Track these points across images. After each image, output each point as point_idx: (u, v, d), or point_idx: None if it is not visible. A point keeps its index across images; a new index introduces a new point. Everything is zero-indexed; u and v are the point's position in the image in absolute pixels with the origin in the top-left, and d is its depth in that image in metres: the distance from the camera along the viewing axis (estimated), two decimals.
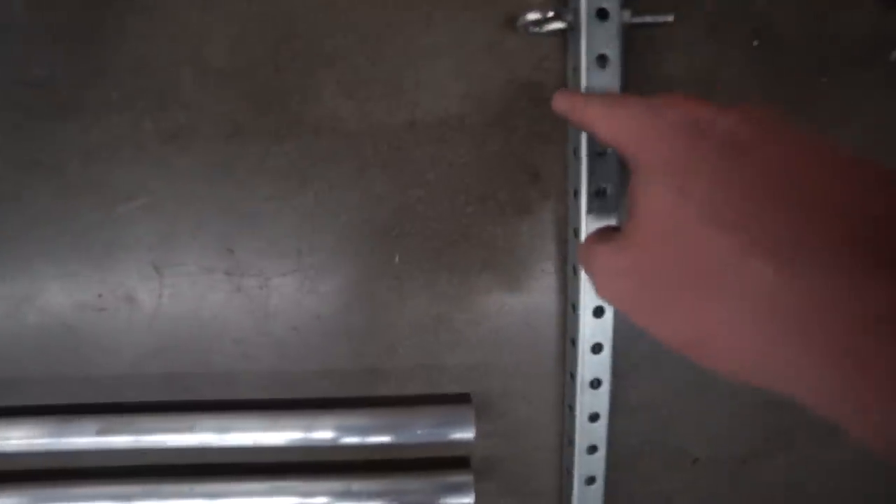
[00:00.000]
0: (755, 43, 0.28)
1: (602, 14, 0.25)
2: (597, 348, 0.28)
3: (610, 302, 0.19)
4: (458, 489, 0.32)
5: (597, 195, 0.26)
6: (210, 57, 0.28)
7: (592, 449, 0.30)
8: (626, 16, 0.25)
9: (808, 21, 0.28)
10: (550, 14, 0.25)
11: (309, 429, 0.30)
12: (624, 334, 0.29)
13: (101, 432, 0.31)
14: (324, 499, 0.31)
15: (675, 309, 0.16)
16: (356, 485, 0.32)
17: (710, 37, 0.28)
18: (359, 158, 0.29)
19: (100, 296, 0.31)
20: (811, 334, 0.12)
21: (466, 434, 0.30)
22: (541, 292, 0.30)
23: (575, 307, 0.28)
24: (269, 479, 0.32)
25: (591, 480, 0.31)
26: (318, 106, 0.28)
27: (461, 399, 0.32)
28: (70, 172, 0.30)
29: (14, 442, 0.31)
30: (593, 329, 0.28)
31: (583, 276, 0.27)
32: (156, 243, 0.30)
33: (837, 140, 0.15)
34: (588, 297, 0.27)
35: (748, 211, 0.14)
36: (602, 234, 0.19)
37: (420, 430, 0.30)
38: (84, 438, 0.31)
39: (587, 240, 0.20)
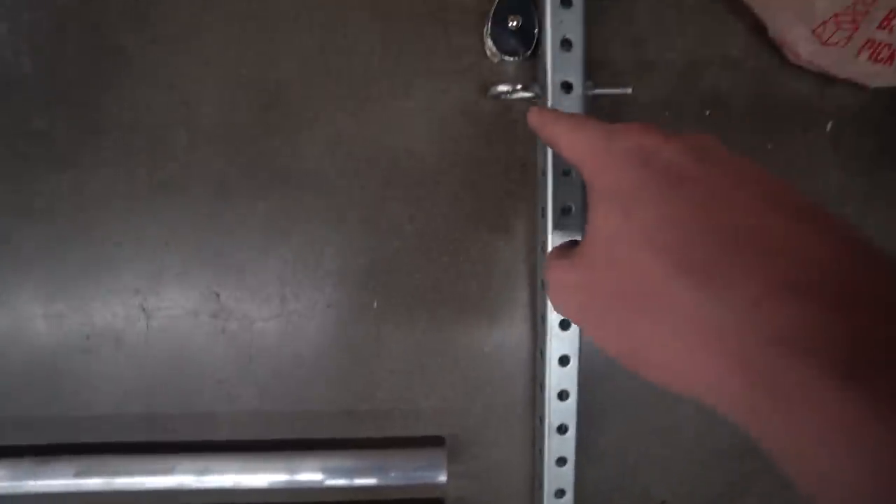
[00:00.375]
0: (707, 112, 0.31)
1: (566, 86, 0.27)
2: (563, 395, 0.29)
3: (561, 313, 0.20)
4: None
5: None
6: (202, 118, 0.30)
7: (560, 493, 0.31)
8: (589, 87, 0.27)
9: (753, 94, 0.31)
10: (519, 86, 0.27)
11: (287, 471, 0.31)
12: (591, 381, 0.30)
13: (79, 474, 0.31)
14: None
15: (613, 323, 0.17)
16: None
17: (666, 107, 0.30)
18: (340, 213, 0.30)
19: (87, 338, 0.32)
20: (718, 349, 0.14)
21: (439, 477, 0.31)
22: (511, 340, 0.32)
23: (542, 354, 0.30)
24: None
25: None
26: (303, 164, 0.30)
27: (435, 442, 0.33)
28: (62, 219, 0.31)
29: None
30: (559, 376, 0.29)
31: (549, 325, 0.29)
32: (144, 287, 0.31)
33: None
34: (555, 345, 0.29)
35: (678, 236, 0.15)
36: (562, 250, 0.20)
37: (394, 473, 0.31)
38: (62, 480, 0.31)
39: (550, 253, 0.21)
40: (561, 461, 0.30)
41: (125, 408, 0.33)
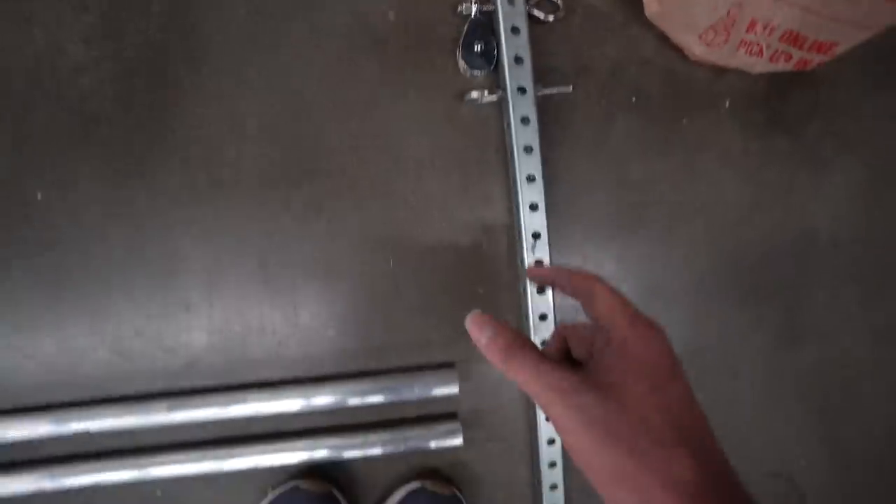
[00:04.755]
0: (633, 100, 0.43)
1: (521, 90, 0.39)
2: (543, 317, 0.41)
3: (560, 423, 0.24)
4: (449, 434, 0.44)
5: (532, 208, 0.40)
6: (248, 128, 0.41)
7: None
8: (539, 89, 0.39)
9: (666, 84, 0.43)
10: (486, 92, 0.39)
11: (334, 394, 0.43)
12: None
13: (170, 409, 0.43)
14: (349, 450, 0.44)
15: (605, 447, 0.22)
16: (372, 436, 0.44)
17: (600, 98, 0.42)
18: (359, 193, 0.42)
19: (164, 306, 0.43)
20: (680, 491, 0.21)
21: (452, 390, 0.43)
22: (499, 280, 0.43)
23: (524, 290, 0.41)
24: (305, 438, 0.44)
25: (551, 441, 0.44)
26: (328, 159, 0.41)
27: (447, 365, 0.45)
28: (141, 216, 0.42)
29: (103, 422, 0.42)
30: (538, 303, 0.41)
31: (528, 290, 0.40)
32: (208, 263, 0.43)
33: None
34: (531, 305, 0.41)
35: (674, 416, 0.23)
36: (567, 373, 0.24)
37: (418, 389, 0.43)
38: (157, 416, 0.43)
39: (554, 372, 0.24)
40: None
41: (198, 360, 0.44)
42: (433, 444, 0.44)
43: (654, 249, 0.45)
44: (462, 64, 0.40)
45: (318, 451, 0.44)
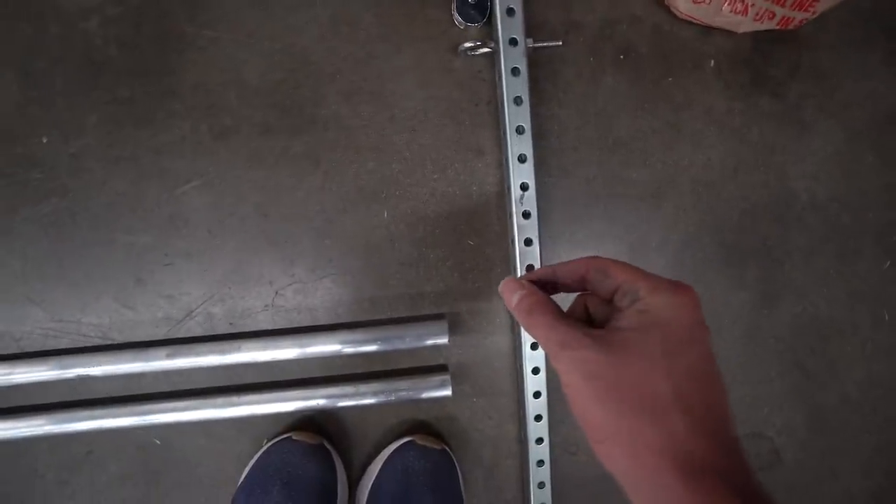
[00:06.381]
0: (621, 57, 0.44)
1: (513, 42, 0.40)
2: (528, 242, 0.42)
3: (565, 379, 0.24)
4: (439, 385, 0.45)
5: (520, 160, 0.41)
6: (248, 79, 0.42)
7: (536, 370, 0.44)
8: (530, 42, 0.40)
9: (654, 42, 0.44)
10: (479, 43, 0.40)
11: (329, 344, 0.44)
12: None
13: (170, 356, 0.44)
14: (343, 399, 0.45)
15: (612, 405, 0.23)
16: (364, 387, 0.45)
17: (590, 54, 0.43)
18: (355, 145, 0.43)
19: (166, 255, 0.44)
20: (671, 455, 0.22)
21: (442, 340, 0.44)
22: (489, 232, 0.45)
23: (512, 241, 0.42)
24: (300, 388, 0.45)
25: (537, 394, 0.45)
26: (325, 109, 0.42)
27: (438, 317, 0.46)
28: (144, 164, 0.43)
29: (105, 368, 0.43)
30: (525, 254, 0.42)
31: (517, 244, 0.41)
32: (208, 213, 0.44)
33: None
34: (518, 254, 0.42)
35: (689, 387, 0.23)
36: (577, 328, 0.25)
37: (409, 339, 0.44)
38: (158, 363, 0.44)
39: (568, 328, 0.25)
40: (534, 346, 0.44)
41: (196, 308, 0.45)
42: (424, 395, 0.45)
43: (639, 208, 0.46)
44: (456, 16, 0.41)
45: (313, 401, 0.45)
